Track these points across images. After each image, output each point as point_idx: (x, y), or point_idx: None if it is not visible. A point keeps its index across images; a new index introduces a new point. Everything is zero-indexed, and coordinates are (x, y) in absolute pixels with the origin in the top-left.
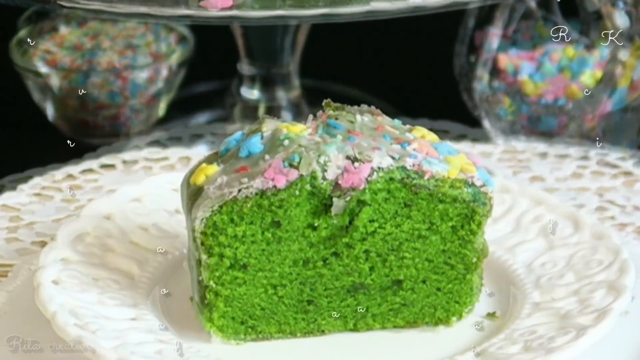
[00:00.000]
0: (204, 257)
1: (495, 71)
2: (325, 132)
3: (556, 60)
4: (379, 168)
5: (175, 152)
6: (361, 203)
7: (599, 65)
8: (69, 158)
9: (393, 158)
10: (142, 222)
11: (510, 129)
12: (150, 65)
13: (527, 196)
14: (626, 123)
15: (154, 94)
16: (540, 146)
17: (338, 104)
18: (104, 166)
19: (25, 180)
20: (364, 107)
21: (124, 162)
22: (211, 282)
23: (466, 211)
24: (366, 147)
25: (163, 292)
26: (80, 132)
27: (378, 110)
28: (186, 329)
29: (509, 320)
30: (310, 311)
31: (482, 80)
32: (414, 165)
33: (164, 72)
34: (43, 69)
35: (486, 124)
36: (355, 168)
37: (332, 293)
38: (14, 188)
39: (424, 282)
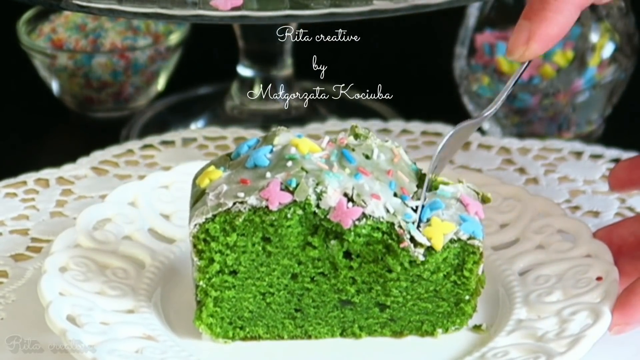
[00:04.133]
0: (195, 258)
1: (473, 50)
2: (337, 160)
3: None
4: (370, 216)
5: (232, 132)
6: (343, 240)
7: (570, 45)
8: (75, 130)
9: (387, 211)
10: (165, 210)
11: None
12: (151, 46)
13: (537, 206)
14: (595, 99)
15: (154, 71)
16: (577, 145)
17: (364, 131)
18: (163, 142)
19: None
20: (389, 142)
21: (184, 139)
22: (201, 283)
23: (457, 261)
24: (367, 190)
25: None
26: (85, 107)
27: (399, 150)
28: (183, 324)
29: (491, 335)
30: (298, 317)
31: (460, 58)
32: (399, 228)
33: (163, 51)
34: (49, 50)
35: (485, 125)
36: (347, 208)
37: (319, 305)
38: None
39: (413, 306)
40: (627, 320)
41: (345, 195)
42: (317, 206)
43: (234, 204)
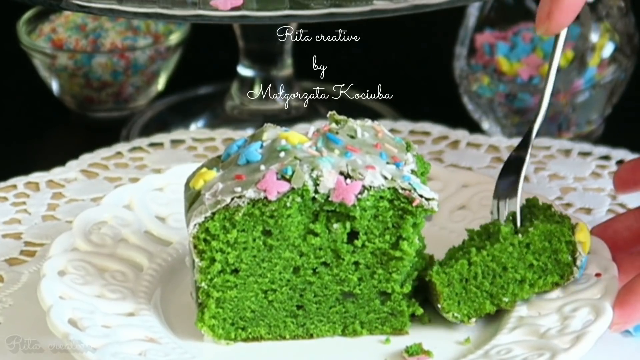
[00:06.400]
0: (196, 259)
1: (473, 50)
2: (324, 145)
3: (528, 39)
4: (370, 187)
5: (221, 133)
6: (350, 218)
7: (570, 45)
8: (75, 130)
9: (385, 178)
10: (161, 212)
11: (489, 106)
12: (151, 46)
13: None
14: (595, 99)
15: (154, 71)
16: (565, 143)
17: (342, 117)
18: (152, 145)
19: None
20: (367, 121)
21: (172, 141)
22: (203, 284)
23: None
24: (360, 164)
25: None
26: (85, 107)
27: (381, 127)
28: (183, 326)
29: (494, 332)
30: (300, 315)
31: (460, 58)
32: (404, 190)
33: (163, 51)
34: (49, 49)
35: (485, 125)
36: (346, 184)
37: (321, 300)
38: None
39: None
40: (627, 319)
41: (341, 173)
42: (316, 191)
43: (232, 199)
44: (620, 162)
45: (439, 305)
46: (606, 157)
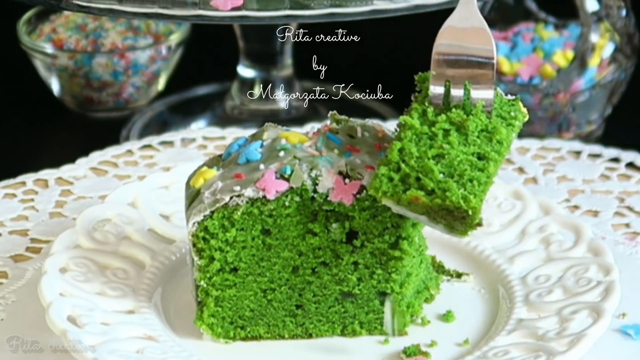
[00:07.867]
0: (195, 258)
1: None
2: (324, 145)
3: (528, 39)
4: None
5: (231, 132)
6: (348, 218)
7: (570, 45)
8: (75, 130)
9: None
10: (165, 211)
11: None
12: (151, 46)
13: (537, 205)
14: (595, 99)
15: (154, 71)
16: (575, 145)
17: (344, 116)
18: (163, 143)
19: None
20: (368, 121)
21: (183, 140)
22: (202, 282)
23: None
24: (360, 164)
25: None
26: (85, 107)
27: (381, 127)
28: (183, 325)
29: (492, 334)
30: (299, 315)
31: None
32: None
33: (164, 52)
34: (49, 49)
35: None
36: (345, 184)
37: (320, 299)
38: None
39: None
40: None
41: (340, 173)
42: (314, 191)
43: (231, 198)
44: (630, 165)
45: (471, 232)
46: (616, 160)
